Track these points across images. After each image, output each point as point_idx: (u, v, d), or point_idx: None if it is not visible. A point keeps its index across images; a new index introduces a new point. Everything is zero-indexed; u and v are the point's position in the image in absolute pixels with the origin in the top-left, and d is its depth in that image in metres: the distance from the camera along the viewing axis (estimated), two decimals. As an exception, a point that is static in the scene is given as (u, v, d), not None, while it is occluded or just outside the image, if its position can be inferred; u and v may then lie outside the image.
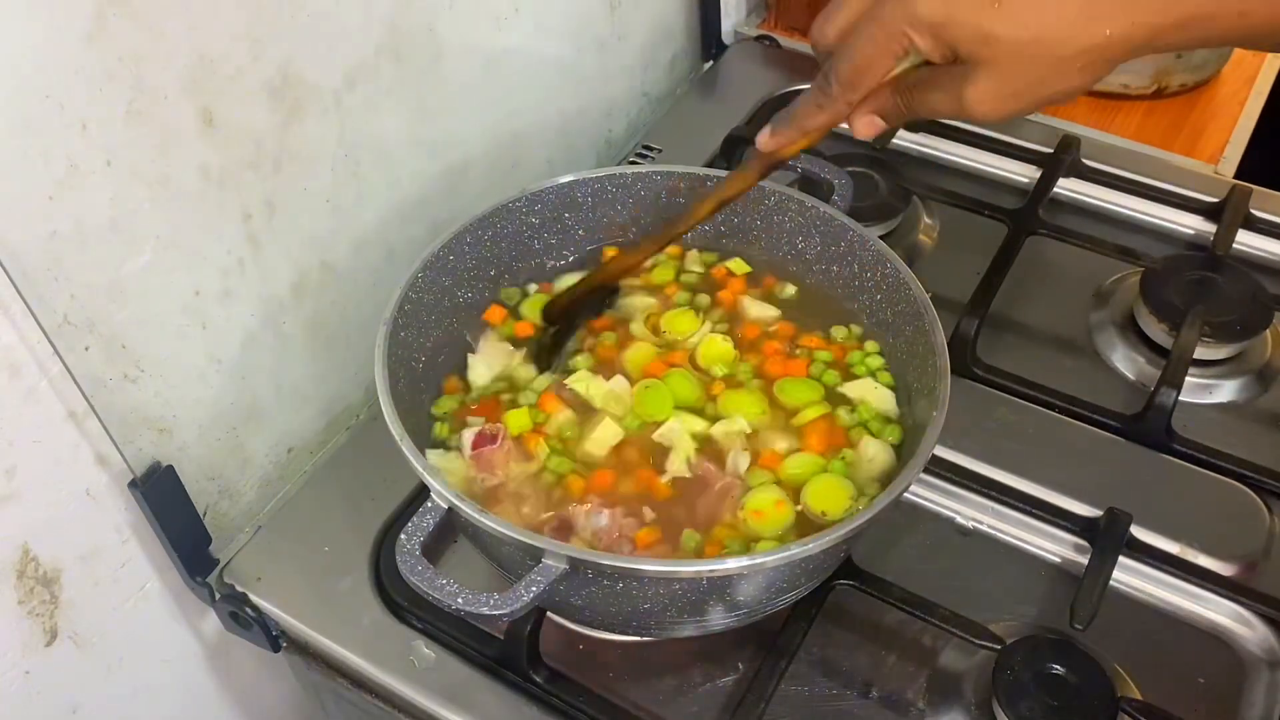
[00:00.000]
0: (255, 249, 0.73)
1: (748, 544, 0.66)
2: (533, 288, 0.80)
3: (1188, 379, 0.82)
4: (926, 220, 1.00)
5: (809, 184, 0.83)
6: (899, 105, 0.61)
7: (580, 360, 0.76)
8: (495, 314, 0.78)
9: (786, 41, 1.20)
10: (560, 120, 1.01)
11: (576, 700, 0.69)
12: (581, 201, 0.81)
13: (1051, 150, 1.03)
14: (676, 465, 0.69)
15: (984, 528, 0.78)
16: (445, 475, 0.68)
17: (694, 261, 0.83)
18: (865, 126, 0.63)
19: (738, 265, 0.82)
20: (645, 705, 0.69)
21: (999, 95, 0.57)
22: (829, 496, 0.68)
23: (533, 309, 0.79)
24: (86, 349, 0.64)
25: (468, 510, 0.60)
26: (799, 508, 0.68)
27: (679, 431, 0.71)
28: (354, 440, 0.86)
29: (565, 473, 0.69)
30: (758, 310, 0.79)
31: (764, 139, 0.67)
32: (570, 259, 0.82)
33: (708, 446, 0.71)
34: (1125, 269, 0.94)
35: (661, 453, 0.70)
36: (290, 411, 0.82)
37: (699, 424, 0.72)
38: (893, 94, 0.61)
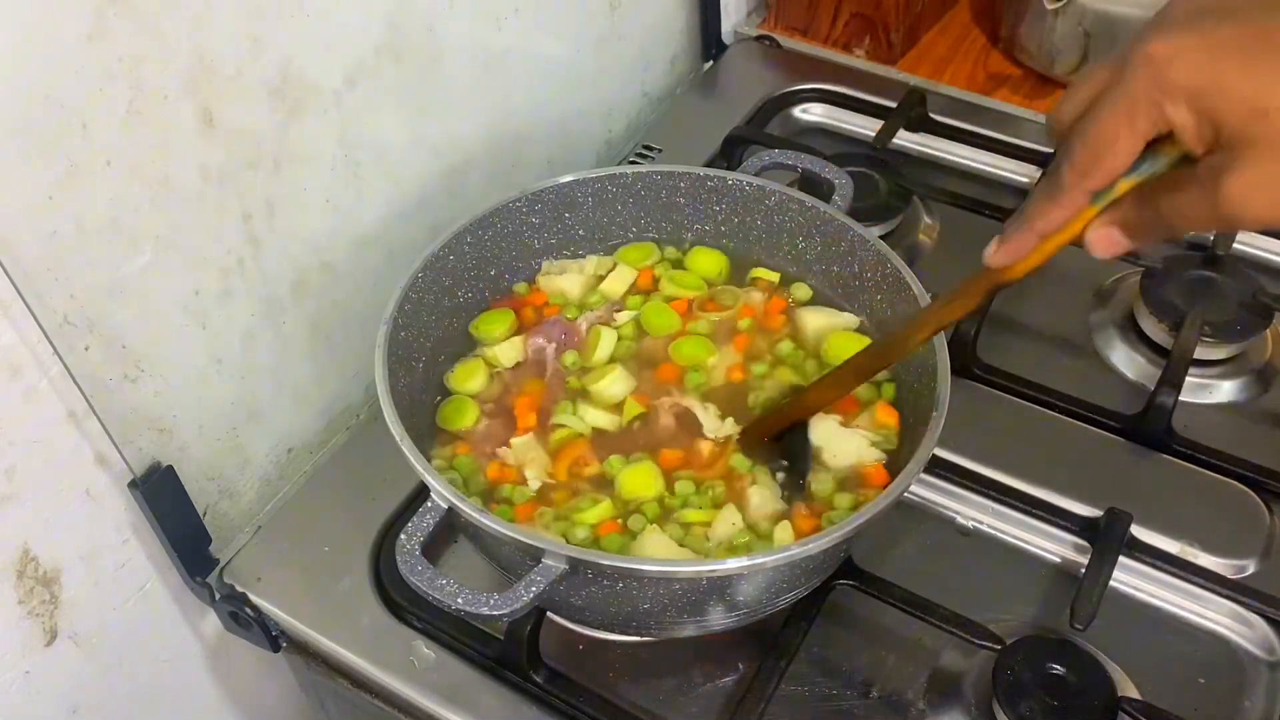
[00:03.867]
0: (255, 249, 0.73)
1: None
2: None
3: (1188, 379, 0.82)
4: (926, 220, 1.00)
5: (809, 184, 0.83)
6: (1144, 217, 0.51)
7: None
8: None
9: (786, 41, 1.19)
10: (560, 120, 1.01)
11: (576, 700, 0.69)
12: (581, 201, 0.81)
13: (1052, 150, 1.02)
14: None
15: (984, 528, 0.78)
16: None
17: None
18: (1102, 241, 0.52)
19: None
20: (645, 705, 0.69)
21: (1271, 185, 0.45)
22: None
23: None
24: (86, 349, 0.64)
25: (468, 510, 0.60)
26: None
27: None
28: (354, 440, 0.86)
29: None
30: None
31: (991, 253, 0.58)
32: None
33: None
34: (1125, 269, 0.93)
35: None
36: (290, 411, 0.82)
37: None
38: (1136, 203, 0.51)
